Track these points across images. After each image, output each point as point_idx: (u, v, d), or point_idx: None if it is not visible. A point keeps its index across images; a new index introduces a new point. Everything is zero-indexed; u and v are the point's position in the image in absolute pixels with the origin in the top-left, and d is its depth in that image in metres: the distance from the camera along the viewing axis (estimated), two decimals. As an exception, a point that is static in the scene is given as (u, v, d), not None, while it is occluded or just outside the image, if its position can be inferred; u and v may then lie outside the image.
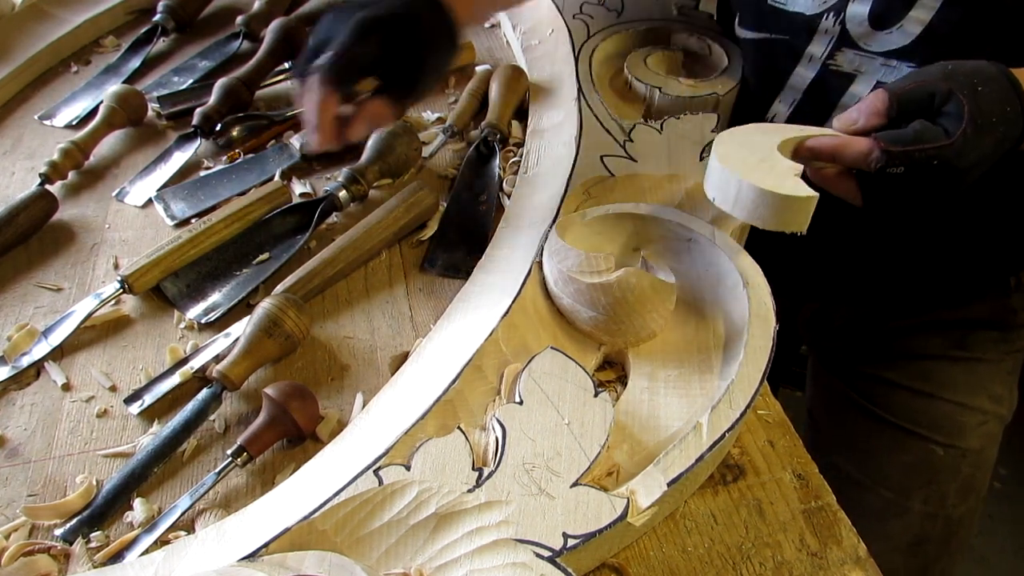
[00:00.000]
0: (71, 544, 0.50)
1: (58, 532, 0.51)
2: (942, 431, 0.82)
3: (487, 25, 1.06)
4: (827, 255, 0.84)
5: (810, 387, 0.96)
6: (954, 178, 0.54)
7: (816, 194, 0.53)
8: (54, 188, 0.79)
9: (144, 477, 0.54)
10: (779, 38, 0.76)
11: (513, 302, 0.58)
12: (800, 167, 0.56)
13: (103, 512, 0.52)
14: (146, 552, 0.49)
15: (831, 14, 0.70)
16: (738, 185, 0.55)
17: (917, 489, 0.82)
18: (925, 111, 0.55)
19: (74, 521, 0.51)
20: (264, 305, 0.61)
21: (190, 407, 0.57)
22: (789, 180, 0.54)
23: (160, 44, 1.03)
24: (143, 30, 1.02)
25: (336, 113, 0.61)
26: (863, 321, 0.88)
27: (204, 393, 0.58)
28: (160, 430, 0.57)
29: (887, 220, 0.76)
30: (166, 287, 0.67)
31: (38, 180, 0.78)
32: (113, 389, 0.61)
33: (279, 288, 0.66)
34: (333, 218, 0.76)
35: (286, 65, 0.94)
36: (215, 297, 0.68)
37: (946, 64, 0.56)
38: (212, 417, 0.58)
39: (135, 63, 0.98)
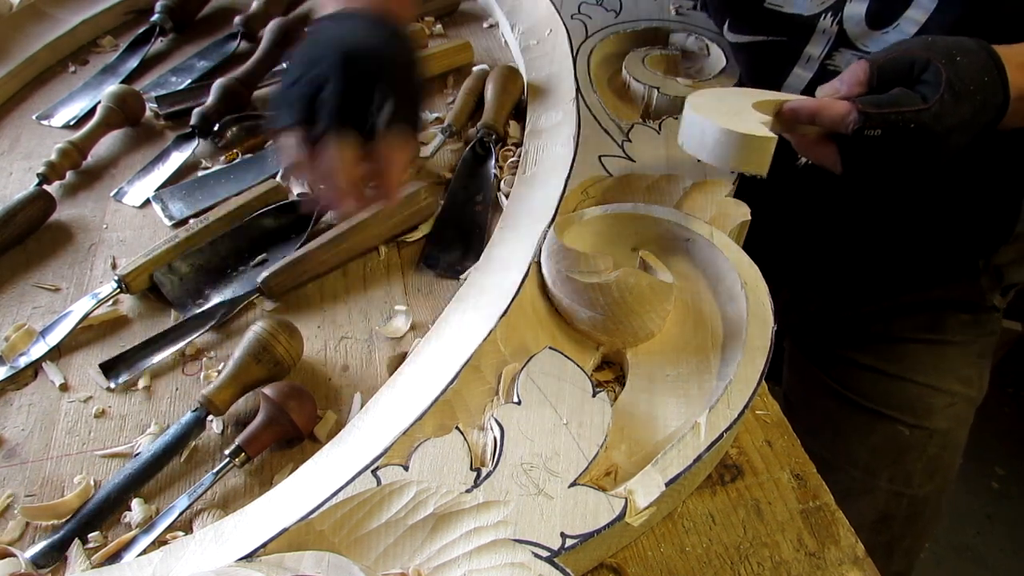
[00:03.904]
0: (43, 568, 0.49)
1: (28, 555, 0.49)
2: (910, 412, 0.84)
3: (485, 25, 1.07)
4: (801, 240, 0.85)
5: (787, 373, 0.98)
6: (932, 143, 0.55)
7: (775, 136, 0.56)
8: (52, 188, 0.79)
9: (121, 501, 0.53)
10: (776, 40, 0.76)
11: (511, 302, 0.58)
12: (768, 118, 0.58)
13: (78, 532, 0.51)
14: (144, 552, 0.49)
15: (829, 14, 0.71)
16: (703, 127, 0.58)
17: (884, 468, 0.84)
18: (905, 80, 0.57)
19: (43, 545, 0.50)
20: (255, 329, 0.59)
21: (172, 431, 0.56)
22: (752, 124, 0.56)
23: (158, 44, 1.03)
24: (141, 30, 1.02)
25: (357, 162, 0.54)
26: (836, 306, 0.90)
27: (188, 417, 0.56)
28: (140, 453, 0.55)
29: (865, 192, 0.77)
30: (162, 282, 0.67)
31: (36, 180, 0.78)
32: (111, 390, 0.61)
33: (263, 275, 0.66)
34: (329, 217, 0.76)
35: (284, 65, 0.94)
36: (213, 297, 0.68)
37: (927, 37, 0.58)
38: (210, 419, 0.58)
39: (133, 63, 0.98)
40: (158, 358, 0.62)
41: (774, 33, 0.76)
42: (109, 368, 0.61)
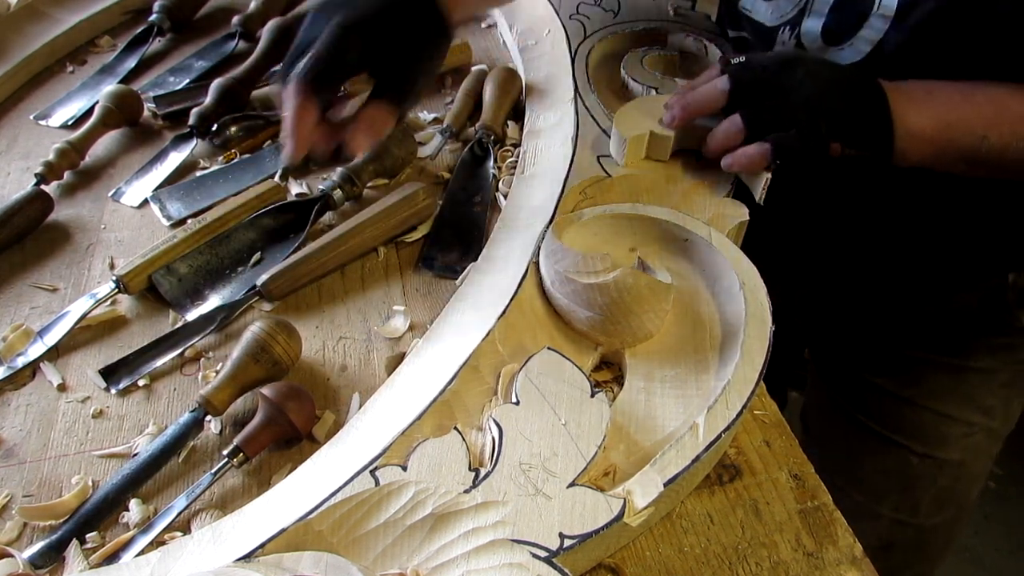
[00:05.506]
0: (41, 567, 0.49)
1: (26, 556, 0.49)
2: (920, 440, 0.81)
3: (484, 25, 1.06)
4: (824, 254, 0.84)
5: (807, 390, 0.96)
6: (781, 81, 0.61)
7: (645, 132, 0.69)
8: (50, 188, 0.79)
9: (119, 502, 0.53)
10: (752, 41, 0.77)
11: (510, 302, 0.58)
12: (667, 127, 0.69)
13: (75, 532, 0.51)
14: (142, 553, 0.49)
15: (787, 28, 0.71)
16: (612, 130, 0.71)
17: (889, 495, 0.82)
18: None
19: (41, 545, 0.50)
20: (253, 329, 0.58)
21: (170, 432, 0.55)
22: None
23: (156, 44, 1.02)
24: (139, 30, 1.02)
25: (315, 121, 0.59)
26: (858, 326, 0.87)
27: (186, 417, 0.56)
28: (139, 454, 0.55)
29: (886, 190, 0.76)
30: (160, 283, 0.67)
31: (34, 180, 0.78)
32: (108, 390, 0.61)
33: (262, 279, 0.66)
34: (328, 217, 0.76)
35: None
36: (211, 298, 0.68)
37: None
38: (208, 418, 0.58)
39: (131, 63, 0.98)
40: (158, 363, 0.62)
41: (749, 34, 0.77)
42: (109, 373, 0.61)
